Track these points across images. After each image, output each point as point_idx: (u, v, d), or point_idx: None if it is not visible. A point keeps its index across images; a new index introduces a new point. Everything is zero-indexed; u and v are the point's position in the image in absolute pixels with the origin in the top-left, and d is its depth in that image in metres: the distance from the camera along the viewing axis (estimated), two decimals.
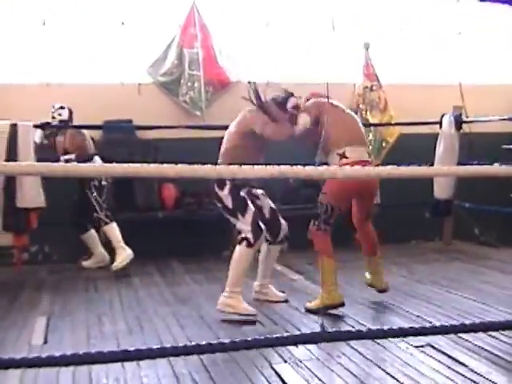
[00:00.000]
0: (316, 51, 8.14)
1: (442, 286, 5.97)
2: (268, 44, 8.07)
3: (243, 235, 5.17)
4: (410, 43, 8.44)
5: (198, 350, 4.28)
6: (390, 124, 8.19)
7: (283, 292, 5.72)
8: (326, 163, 5.14)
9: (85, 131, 7.08)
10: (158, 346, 4.35)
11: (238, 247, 5.21)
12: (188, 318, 5.15)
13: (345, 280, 6.13)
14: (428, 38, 8.48)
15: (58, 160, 6.60)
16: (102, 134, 7.52)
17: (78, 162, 6.49)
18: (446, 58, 8.52)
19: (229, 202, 5.20)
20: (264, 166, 3.01)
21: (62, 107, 6.95)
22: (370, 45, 8.35)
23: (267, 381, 3.77)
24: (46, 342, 4.60)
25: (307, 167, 3.05)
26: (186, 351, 4.26)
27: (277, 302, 5.54)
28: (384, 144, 8.37)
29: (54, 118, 6.95)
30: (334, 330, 4.62)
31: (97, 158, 6.94)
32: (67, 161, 6.63)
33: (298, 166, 3.09)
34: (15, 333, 4.82)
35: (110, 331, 4.84)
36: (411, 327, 4.61)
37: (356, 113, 8.32)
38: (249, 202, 5.22)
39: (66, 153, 6.88)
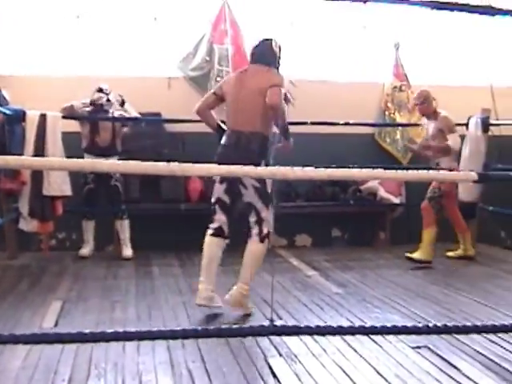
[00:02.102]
0: (346, 50, 8.14)
1: (455, 289, 5.88)
2: (296, 42, 8.06)
3: (266, 231, 4.92)
4: (440, 44, 8.33)
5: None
6: (418, 124, 8.10)
7: None
8: None
9: None
10: (155, 329, 4.45)
11: (261, 244, 4.93)
12: (197, 308, 5.18)
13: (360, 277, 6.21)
14: (458, 40, 8.38)
15: None
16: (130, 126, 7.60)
17: None
18: (477, 59, 8.41)
19: (268, 187, 4.87)
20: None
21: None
22: (400, 45, 8.29)
23: (258, 373, 3.79)
24: (56, 325, 4.70)
25: (259, 168, 2.99)
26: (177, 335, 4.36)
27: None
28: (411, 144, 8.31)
29: (108, 100, 7.09)
30: (281, 324, 4.61)
31: None
32: None
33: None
34: (29, 315, 4.94)
35: (119, 317, 4.92)
36: (384, 326, 4.59)
37: (384, 112, 8.33)
38: None
39: None
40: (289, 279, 6.27)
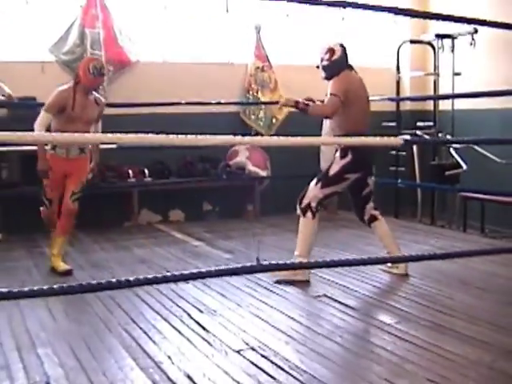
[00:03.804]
0: (211, 32, 8.81)
1: (333, 248, 6.83)
2: (166, 25, 8.65)
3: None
4: (297, 27, 9.19)
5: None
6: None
7: None
8: None
9: None
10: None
11: None
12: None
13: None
14: (313, 23, 9.28)
15: None
16: (6, 110, 7.83)
17: None
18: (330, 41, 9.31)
19: (333, 169, 5.65)
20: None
21: None
22: (261, 27, 9.07)
23: (190, 328, 4.45)
24: None
25: None
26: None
27: None
28: (274, 121, 9.17)
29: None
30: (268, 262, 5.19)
31: None
32: None
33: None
34: None
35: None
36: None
37: (248, 92, 9.11)
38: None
39: None
40: (179, 250, 6.92)
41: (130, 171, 8.35)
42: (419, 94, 9.87)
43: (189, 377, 3.62)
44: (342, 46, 5.81)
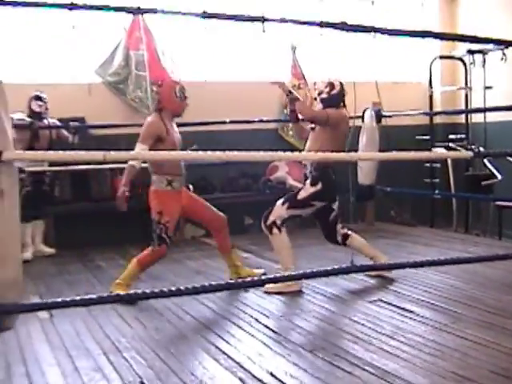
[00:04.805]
0: (249, 52, 9.31)
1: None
2: (206, 46, 9.16)
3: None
4: (331, 45, 9.66)
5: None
6: None
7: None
8: None
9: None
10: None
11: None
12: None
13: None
14: (346, 40, 9.74)
15: None
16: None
17: None
18: (362, 57, 9.79)
19: (301, 194, 6.14)
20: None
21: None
22: (297, 47, 9.57)
23: (256, 329, 4.91)
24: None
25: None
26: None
27: None
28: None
29: (47, 108, 7.87)
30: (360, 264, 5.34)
31: None
32: None
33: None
34: None
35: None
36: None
37: (285, 108, 9.57)
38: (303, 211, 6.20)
39: None
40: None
41: None
42: (450, 107, 10.36)
43: (272, 374, 4.07)
44: (341, 83, 6.35)
